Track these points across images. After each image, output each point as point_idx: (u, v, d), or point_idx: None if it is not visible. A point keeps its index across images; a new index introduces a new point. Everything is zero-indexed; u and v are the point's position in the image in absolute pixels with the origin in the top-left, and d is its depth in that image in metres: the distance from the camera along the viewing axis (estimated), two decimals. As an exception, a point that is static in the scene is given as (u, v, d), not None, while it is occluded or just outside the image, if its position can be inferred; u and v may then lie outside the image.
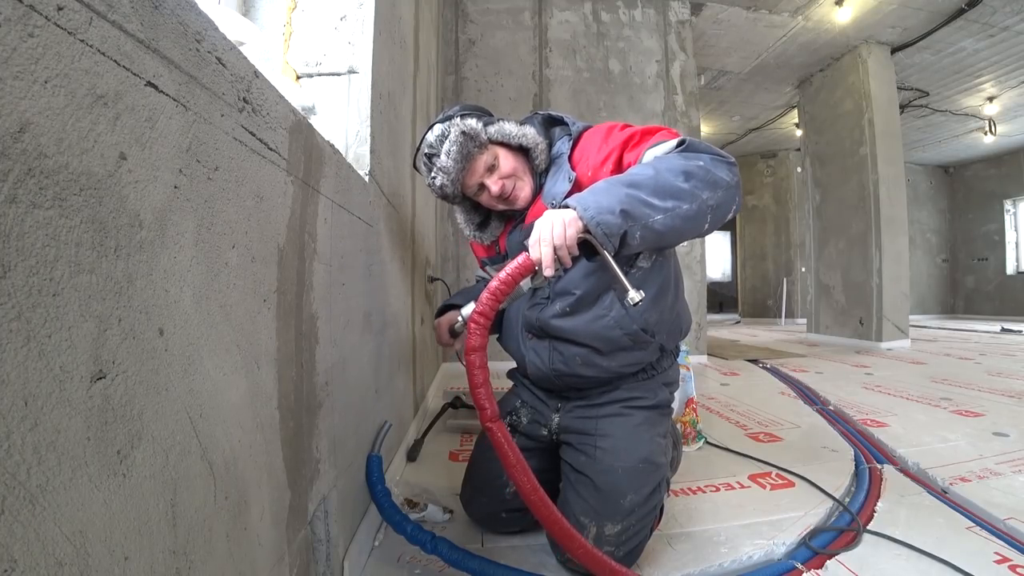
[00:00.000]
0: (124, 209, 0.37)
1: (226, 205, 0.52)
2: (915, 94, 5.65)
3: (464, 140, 1.04)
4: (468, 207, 1.21)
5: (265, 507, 0.62)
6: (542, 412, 1.21)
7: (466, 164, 1.06)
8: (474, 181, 1.09)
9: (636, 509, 1.00)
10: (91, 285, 0.34)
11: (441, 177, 1.06)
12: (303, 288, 0.76)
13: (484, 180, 1.09)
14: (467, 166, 1.06)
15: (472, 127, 1.05)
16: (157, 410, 0.41)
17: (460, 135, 1.03)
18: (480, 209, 1.22)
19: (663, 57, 3.86)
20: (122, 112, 0.37)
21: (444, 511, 1.26)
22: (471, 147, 1.05)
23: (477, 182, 1.09)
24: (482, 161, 1.07)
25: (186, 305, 0.45)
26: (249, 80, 0.57)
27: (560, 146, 1.14)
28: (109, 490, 0.36)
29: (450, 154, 1.04)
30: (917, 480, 1.48)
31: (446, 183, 1.06)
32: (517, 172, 1.10)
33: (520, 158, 1.12)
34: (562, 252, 0.83)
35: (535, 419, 1.22)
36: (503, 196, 1.10)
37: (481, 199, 1.13)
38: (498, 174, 1.09)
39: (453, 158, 1.04)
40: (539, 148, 1.12)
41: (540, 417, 1.22)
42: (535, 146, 1.11)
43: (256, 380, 0.60)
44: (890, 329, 4.54)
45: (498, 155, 1.09)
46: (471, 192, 1.12)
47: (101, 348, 0.35)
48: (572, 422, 1.16)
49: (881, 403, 2.42)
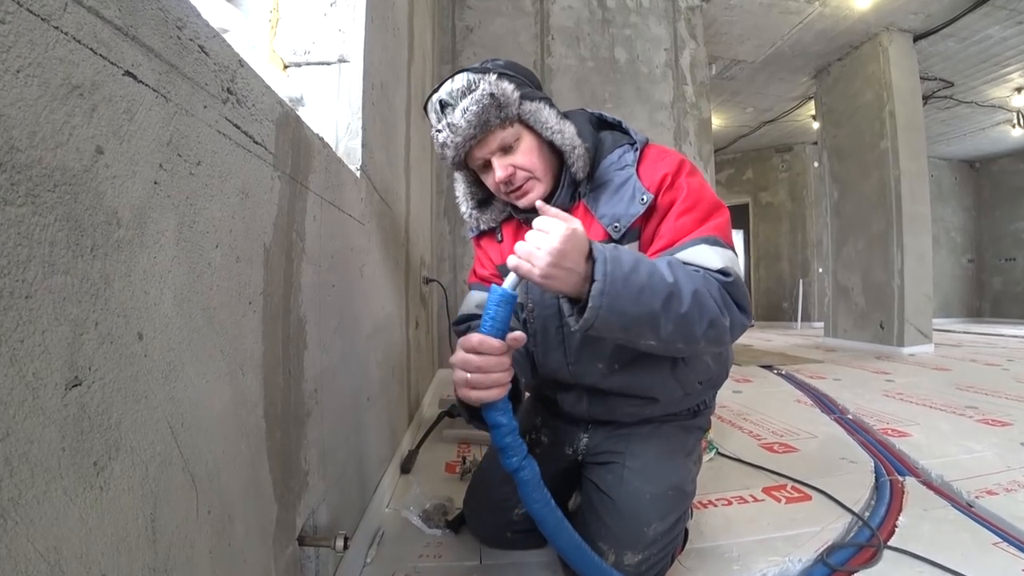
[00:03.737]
0: (101, 206, 0.37)
1: (209, 202, 0.52)
2: (939, 84, 5.66)
3: (489, 104, 0.92)
4: (470, 178, 1.12)
5: (251, 522, 0.62)
6: (568, 432, 1.17)
7: (480, 133, 0.94)
8: (481, 155, 0.98)
9: (660, 538, 0.98)
10: (66, 287, 0.34)
11: (448, 135, 0.95)
12: (291, 290, 0.76)
13: (493, 159, 0.98)
14: (481, 136, 0.95)
15: (505, 93, 0.93)
16: (136, 419, 0.41)
17: (488, 97, 0.91)
18: (484, 185, 1.10)
19: (672, 45, 3.87)
20: (99, 103, 0.37)
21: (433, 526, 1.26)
22: (494, 115, 0.93)
23: (485, 157, 0.98)
24: (499, 137, 0.96)
25: (167, 308, 0.45)
26: (234, 70, 0.57)
27: (622, 157, 1.03)
28: (85, 503, 0.36)
29: (467, 113, 0.92)
30: (941, 493, 1.48)
31: (449, 143, 0.95)
32: (535, 170, 0.99)
33: (546, 155, 1.01)
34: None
35: (558, 440, 1.18)
36: (508, 185, 0.99)
37: (485, 178, 1.04)
38: (511, 160, 0.97)
39: (468, 119, 0.92)
40: (576, 153, 0.99)
41: (565, 437, 1.17)
42: (571, 149, 0.99)
43: (241, 387, 0.60)
44: (912, 333, 4.54)
45: (521, 138, 0.98)
46: (475, 164, 1.02)
47: (76, 353, 0.35)
48: (602, 441, 1.12)
49: (903, 412, 2.41)
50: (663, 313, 0.81)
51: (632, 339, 0.85)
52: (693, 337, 0.85)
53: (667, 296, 0.81)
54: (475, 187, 1.13)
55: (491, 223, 1.15)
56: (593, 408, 1.11)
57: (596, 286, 0.78)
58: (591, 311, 0.78)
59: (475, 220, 1.15)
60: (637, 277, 0.80)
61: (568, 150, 0.99)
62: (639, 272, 0.80)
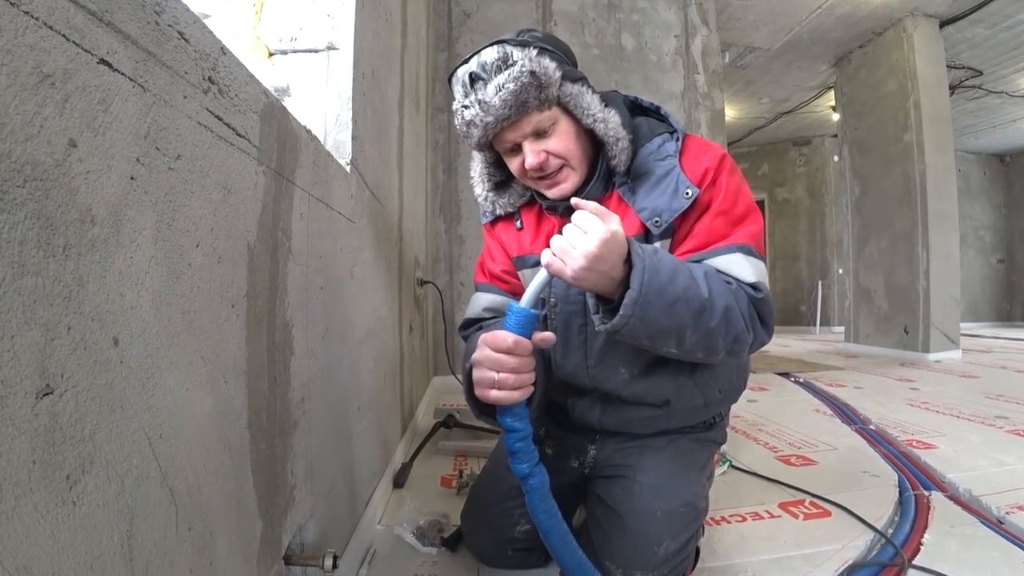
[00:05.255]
0: (74, 203, 0.37)
1: (189, 198, 0.53)
2: (967, 73, 5.66)
3: (529, 83, 0.88)
4: (490, 159, 1.09)
5: (233, 539, 0.62)
6: (574, 443, 1.17)
7: (516, 114, 0.90)
8: (512, 138, 0.95)
9: (671, 558, 0.98)
10: (37, 289, 0.34)
11: (477, 113, 0.90)
12: (276, 292, 0.76)
13: (524, 143, 0.95)
14: (516, 117, 0.91)
15: (547, 72, 0.89)
16: (111, 430, 0.41)
17: (528, 75, 0.87)
18: (504, 167, 1.07)
19: (682, 32, 3.87)
20: (72, 93, 0.37)
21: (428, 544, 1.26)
22: (533, 96, 0.89)
23: (515, 140, 0.95)
24: (535, 120, 0.92)
25: (144, 311, 0.45)
26: (215, 57, 0.57)
27: (663, 147, 1.01)
28: (57, 520, 0.35)
29: (502, 91, 0.87)
30: (969, 509, 1.48)
31: (478, 122, 0.91)
32: (571, 158, 0.97)
33: (584, 145, 0.99)
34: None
35: (564, 452, 1.18)
36: (539, 172, 0.97)
37: (510, 162, 1.00)
38: (545, 145, 0.95)
39: (504, 98, 0.88)
40: (619, 146, 0.97)
41: (571, 449, 1.17)
42: (614, 142, 0.97)
43: (223, 396, 0.60)
44: (938, 338, 4.54)
45: (558, 123, 0.95)
46: (503, 147, 0.98)
47: (48, 360, 0.35)
48: (611, 454, 1.12)
49: (928, 422, 2.41)
50: (691, 326, 0.84)
51: (655, 346, 0.87)
52: (714, 349, 0.88)
53: (699, 310, 0.83)
54: (494, 168, 1.10)
55: (509, 207, 1.13)
56: (605, 418, 1.10)
57: (631, 295, 0.79)
58: (622, 318, 0.80)
59: (491, 204, 1.13)
60: (673, 289, 0.81)
61: (611, 142, 0.97)
62: (676, 283, 0.81)
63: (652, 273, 0.79)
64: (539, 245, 1.08)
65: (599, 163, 1.02)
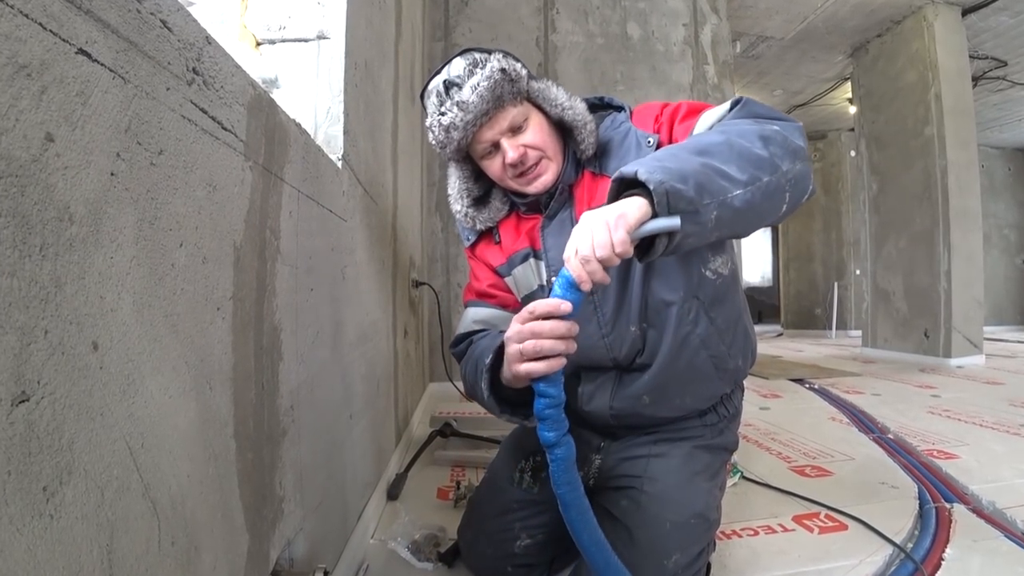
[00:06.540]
0: (51, 200, 0.37)
1: (172, 195, 0.53)
2: (990, 64, 5.67)
3: (502, 79, 0.98)
4: (467, 172, 1.15)
5: (219, 554, 0.62)
6: (579, 453, 1.16)
7: (493, 108, 0.99)
8: (490, 136, 1.02)
9: (680, 572, 0.98)
10: (12, 291, 0.34)
11: (456, 114, 0.98)
12: (264, 294, 0.76)
13: (502, 140, 1.02)
14: (492, 112, 0.99)
15: (515, 69, 1.00)
16: (91, 439, 0.41)
17: (499, 72, 0.97)
18: (483, 179, 1.15)
19: (691, 20, 3.88)
20: (49, 85, 0.37)
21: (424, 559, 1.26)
22: (507, 91, 0.99)
23: (494, 139, 1.02)
24: (510, 115, 1.01)
25: (125, 314, 0.45)
26: (200, 47, 0.57)
27: (614, 119, 1.12)
28: (34, 534, 0.35)
29: (478, 89, 0.96)
30: (992, 522, 1.48)
31: (458, 123, 0.98)
32: (547, 149, 1.05)
33: (555, 136, 1.08)
34: (611, 263, 0.76)
35: None
36: (520, 168, 1.04)
37: (489, 165, 1.07)
38: (522, 139, 1.03)
39: (480, 94, 0.96)
40: (587, 128, 1.07)
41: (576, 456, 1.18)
42: (582, 125, 1.06)
43: (208, 403, 0.60)
44: (960, 343, 4.54)
45: (530, 117, 1.04)
46: (479, 152, 1.06)
47: (24, 365, 0.35)
48: (617, 464, 1.13)
49: (950, 431, 2.41)
50: (717, 153, 0.83)
51: (716, 198, 0.79)
52: (761, 161, 0.84)
53: (707, 143, 0.85)
54: (471, 182, 1.15)
55: (488, 222, 1.17)
56: (617, 402, 1.11)
57: (641, 174, 0.76)
58: (657, 188, 0.75)
59: (471, 220, 1.17)
60: (672, 149, 0.87)
61: (579, 126, 1.06)
62: (670, 148, 0.88)
63: (653, 157, 0.83)
64: (523, 242, 1.15)
65: (567, 152, 1.10)
